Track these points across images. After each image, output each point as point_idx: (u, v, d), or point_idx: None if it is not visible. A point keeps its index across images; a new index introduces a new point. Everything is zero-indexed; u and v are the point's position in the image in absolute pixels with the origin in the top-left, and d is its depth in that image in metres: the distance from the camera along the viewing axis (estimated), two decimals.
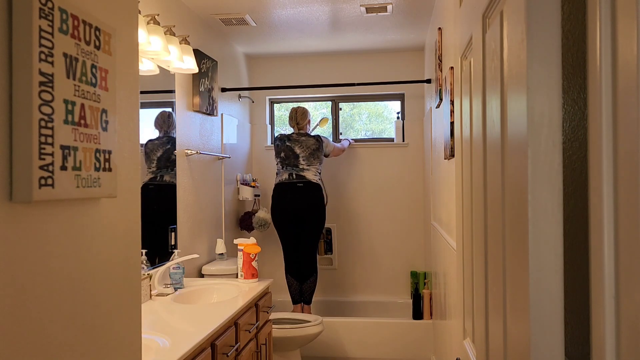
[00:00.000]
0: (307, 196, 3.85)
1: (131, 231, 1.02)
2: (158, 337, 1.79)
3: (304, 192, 3.85)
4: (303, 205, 3.85)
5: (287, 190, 3.86)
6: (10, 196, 0.69)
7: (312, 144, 3.92)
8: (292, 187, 3.85)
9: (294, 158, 3.88)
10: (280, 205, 3.88)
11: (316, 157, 3.92)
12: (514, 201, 0.84)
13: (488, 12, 1.09)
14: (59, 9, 0.76)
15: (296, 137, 3.92)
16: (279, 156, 3.92)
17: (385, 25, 3.71)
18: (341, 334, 3.80)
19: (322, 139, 3.98)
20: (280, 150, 3.92)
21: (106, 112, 0.88)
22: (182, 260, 2.61)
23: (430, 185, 3.79)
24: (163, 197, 2.86)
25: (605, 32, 0.59)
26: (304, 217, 3.87)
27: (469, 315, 1.51)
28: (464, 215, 1.58)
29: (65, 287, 0.81)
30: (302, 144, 3.90)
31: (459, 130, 1.82)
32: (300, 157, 3.88)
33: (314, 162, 3.91)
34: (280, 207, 3.89)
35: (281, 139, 3.95)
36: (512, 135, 0.85)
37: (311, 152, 3.90)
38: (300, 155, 3.88)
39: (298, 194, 3.84)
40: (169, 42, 2.55)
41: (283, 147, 3.92)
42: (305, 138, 3.93)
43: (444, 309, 2.83)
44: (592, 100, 0.62)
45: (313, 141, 3.93)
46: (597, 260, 0.62)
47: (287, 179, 3.86)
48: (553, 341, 0.73)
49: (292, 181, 3.85)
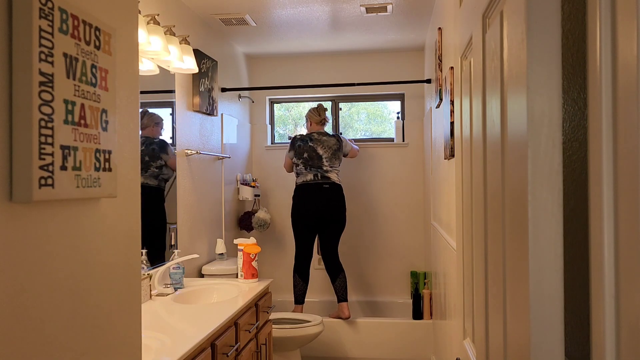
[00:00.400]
0: (333, 198, 3.82)
1: (131, 231, 1.02)
2: (158, 337, 1.79)
3: (330, 194, 3.81)
4: (329, 206, 3.81)
5: (313, 191, 3.81)
6: (10, 196, 0.69)
7: (333, 144, 3.89)
8: (318, 188, 3.81)
9: (317, 159, 3.83)
10: (305, 205, 3.82)
11: (337, 157, 3.90)
12: (514, 201, 0.84)
13: (488, 12, 1.09)
14: (59, 9, 0.76)
15: (317, 137, 3.88)
16: (302, 157, 3.85)
17: (385, 25, 3.71)
18: (341, 334, 3.80)
19: (341, 139, 3.97)
20: (303, 150, 3.86)
21: (106, 112, 0.88)
22: (182, 260, 2.61)
23: (430, 185, 3.79)
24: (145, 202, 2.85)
25: (605, 32, 0.59)
26: (329, 218, 3.82)
27: (469, 315, 1.51)
28: (464, 215, 1.58)
29: (65, 287, 0.81)
30: (323, 144, 3.86)
31: (459, 130, 1.82)
32: (324, 158, 3.84)
33: (335, 162, 3.89)
34: (304, 208, 3.83)
35: (302, 139, 3.89)
36: (512, 135, 0.85)
37: (333, 153, 3.87)
38: (323, 156, 3.84)
39: (324, 195, 3.80)
40: (169, 42, 2.55)
41: (306, 148, 3.86)
42: (327, 138, 3.90)
43: (444, 309, 2.83)
44: (592, 100, 0.62)
45: (334, 141, 3.91)
46: (597, 260, 0.62)
47: (313, 180, 3.81)
48: (553, 341, 0.73)
49: (317, 182, 3.81)
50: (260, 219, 4.15)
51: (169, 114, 2.94)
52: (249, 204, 4.38)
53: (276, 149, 4.62)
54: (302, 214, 3.84)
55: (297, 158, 3.89)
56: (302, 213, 3.84)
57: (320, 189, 3.80)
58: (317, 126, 3.97)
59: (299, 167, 3.89)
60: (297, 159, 3.88)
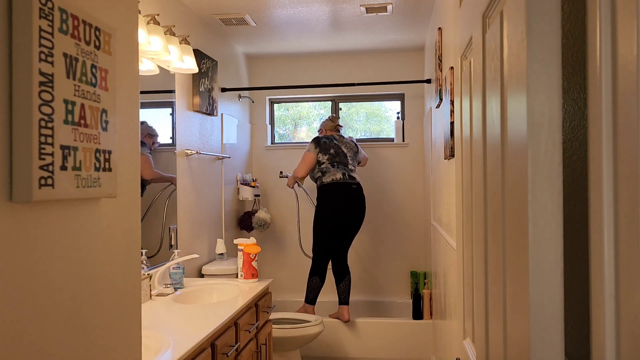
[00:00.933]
0: (361, 199, 3.74)
1: (131, 231, 1.02)
2: (158, 337, 1.79)
3: (358, 194, 3.71)
4: (357, 208, 3.71)
5: (344, 190, 3.67)
6: (10, 196, 0.69)
7: (353, 146, 3.85)
8: (347, 188, 3.68)
9: (342, 156, 3.75)
10: (337, 205, 3.67)
11: (357, 159, 3.85)
12: (514, 201, 0.84)
13: (488, 12, 1.09)
14: (59, 9, 0.76)
15: (339, 138, 3.84)
16: (329, 152, 3.73)
17: (385, 25, 3.71)
18: (341, 334, 3.80)
19: (357, 143, 3.93)
20: (329, 147, 3.75)
21: (106, 112, 0.88)
22: (182, 260, 2.61)
23: (430, 185, 3.79)
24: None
25: (605, 32, 0.59)
26: (355, 220, 3.73)
27: (469, 315, 1.51)
28: (464, 215, 1.58)
29: (65, 287, 0.81)
30: (346, 144, 3.82)
31: (459, 130, 1.82)
32: (348, 156, 3.77)
33: (356, 163, 3.84)
34: (336, 208, 3.68)
35: (327, 137, 3.81)
36: (512, 135, 0.85)
37: (354, 153, 3.83)
38: (347, 154, 3.77)
39: (354, 195, 3.69)
40: (169, 42, 2.55)
41: (332, 144, 3.76)
42: (346, 140, 3.86)
43: (444, 309, 2.83)
44: (592, 100, 0.62)
45: (353, 144, 3.87)
46: (597, 260, 0.62)
47: (342, 179, 3.67)
48: (553, 341, 0.73)
49: (346, 181, 3.68)
50: (260, 219, 4.15)
51: (169, 114, 2.94)
52: (249, 204, 4.38)
53: (276, 149, 4.62)
54: (332, 214, 3.68)
55: (323, 154, 3.74)
56: (332, 213, 3.68)
57: (350, 189, 3.68)
58: (329, 132, 3.92)
59: (323, 164, 3.73)
60: (324, 154, 3.74)
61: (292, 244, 4.58)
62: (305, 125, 4.87)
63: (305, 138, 4.82)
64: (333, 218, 3.68)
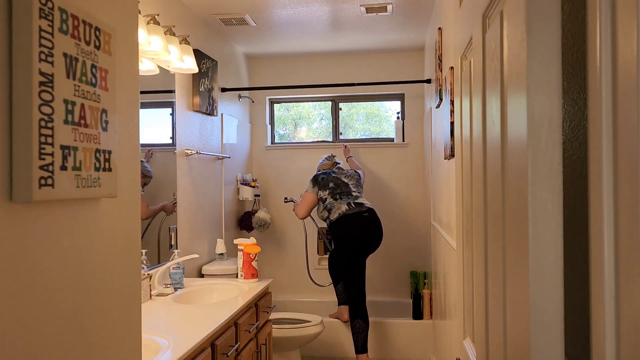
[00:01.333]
0: (376, 225, 3.56)
1: (131, 231, 1.02)
2: (158, 337, 1.79)
3: (372, 220, 3.54)
4: (375, 234, 3.55)
5: (354, 220, 3.49)
6: (10, 196, 0.69)
7: (353, 174, 3.75)
8: (358, 217, 3.50)
9: (344, 186, 3.62)
10: (355, 239, 3.49)
11: (360, 185, 3.73)
12: (514, 201, 0.84)
13: (488, 12, 1.09)
14: (59, 9, 0.76)
15: (337, 171, 3.75)
16: (328, 187, 3.61)
17: (385, 25, 3.71)
18: (341, 334, 3.80)
19: (358, 172, 3.83)
20: (328, 181, 3.64)
21: (106, 112, 0.88)
22: (182, 260, 2.61)
23: (430, 185, 3.79)
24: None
25: (605, 32, 0.59)
26: (374, 247, 3.58)
27: (469, 315, 1.51)
28: (464, 215, 1.58)
29: (65, 287, 0.81)
30: (345, 174, 3.71)
31: (459, 130, 1.82)
32: (350, 184, 3.65)
33: (360, 189, 3.71)
34: (355, 241, 3.49)
35: (325, 172, 3.72)
36: (512, 135, 0.85)
37: (357, 180, 3.72)
38: (349, 183, 3.65)
39: (368, 223, 3.51)
40: (169, 42, 2.55)
41: (330, 178, 3.66)
42: (345, 170, 3.78)
43: (444, 309, 2.83)
44: (592, 100, 0.62)
45: (352, 172, 3.78)
46: (597, 260, 0.62)
47: (349, 210, 3.51)
48: (553, 341, 0.73)
49: (355, 211, 3.51)
50: (260, 219, 4.15)
51: (169, 114, 2.94)
52: (249, 204, 4.38)
53: (276, 149, 4.62)
54: (349, 249, 3.50)
55: (322, 190, 3.62)
56: (349, 248, 3.50)
57: (360, 217, 3.50)
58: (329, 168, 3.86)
59: (327, 201, 3.59)
60: (323, 190, 3.62)
61: (292, 244, 4.58)
62: (305, 125, 4.87)
63: (305, 138, 4.82)
64: (351, 253, 3.50)
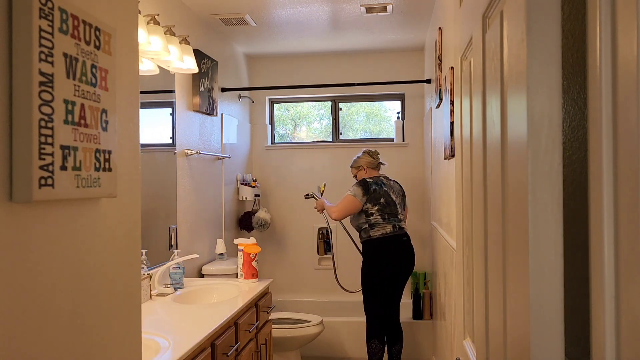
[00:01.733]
0: (411, 252, 3.39)
1: (131, 231, 1.02)
2: (158, 337, 1.79)
3: (407, 247, 3.37)
4: (408, 261, 3.37)
5: (394, 244, 3.31)
6: (10, 196, 0.69)
7: (399, 190, 3.47)
8: (398, 241, 3.32)
9: (393, 206, 3.35)
10: (388, 261, 3.31)
11: (404, 205, 3.49)
12: (514, 201, 0.84)
13: (488, 12, 1.09)
14: (59, 9, 0.76)
15: (387, 182, 3.43)
16: (378, 202, 3.31)
17: (385, 25, 3.71)
18: (341, 334, 3.80)
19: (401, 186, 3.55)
20: (380, 195, 3.32)
21: (106, 112, 0.88)
22: (182, 260, 2.61)
23: (430, 185, 3.79)
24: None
25: (605, 32, 0.59)
26: (406, 273, 3.40)
27: (469, 315, 1.51)
28: (464, 215, 1.58)
29: (65, 287, 0.81)
30: (393, 189, 3.41)
31: (459, 130, 1.82)
32: (398, 205, 3.38)
33: (404, 211, 3.47)
34: (392, 264, 3.31)
35: (377, 182, 3.36)
36: (512, 135, 0.85)
37: (402, 198, 3.46)
38: (397, 203, 3.38)
39: (404, 248, 3.35)
40: (169, 42, 2.55)
41: (382, 192, 3.33)
42: (392, 182, 3.47)
43: (444, 309, 2.83)
44: (592, 100, 0.62)
45: (398, 186, 3.48)
46: (597, 260, 0.62)
47: (392, 232, 3.30)
48: (553, 341, 0.73)
49: (396, 234, 3.32)
50: (261, 219, 4.15)
51: (169, 114, 2.94)
52: (249, 204, 4.38)
53: (276, 149, 4.62)
54: (383, 270, 3.31)
55: (372, 204, 3.30)
56: (383, 269, 3.32)
57: (400, 242, 3.33)
58: (372, 171, 3.49)
59: (373, 216, 3.31)
60: (373, 205, 3.30)
61: (292, 244, 4.58)
62: (305, 125, 4.87)
63: (305, 138, 4.82)
64: (384, 275, 3.32)
